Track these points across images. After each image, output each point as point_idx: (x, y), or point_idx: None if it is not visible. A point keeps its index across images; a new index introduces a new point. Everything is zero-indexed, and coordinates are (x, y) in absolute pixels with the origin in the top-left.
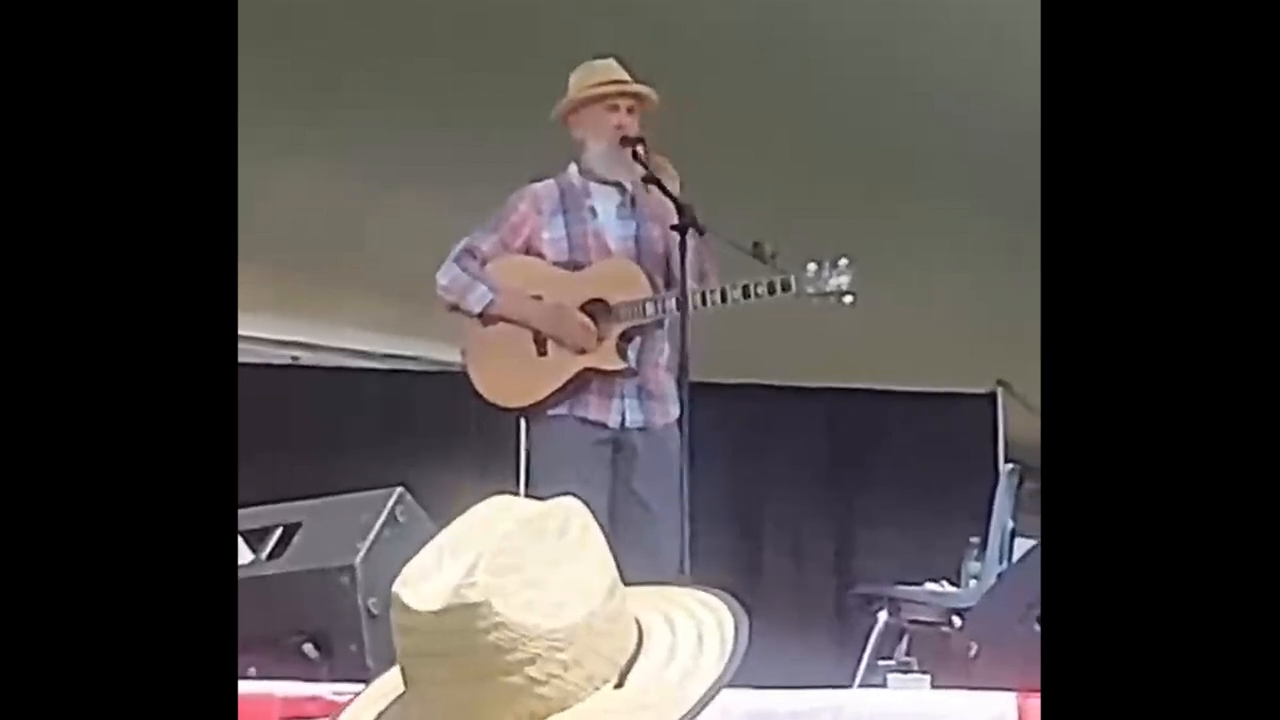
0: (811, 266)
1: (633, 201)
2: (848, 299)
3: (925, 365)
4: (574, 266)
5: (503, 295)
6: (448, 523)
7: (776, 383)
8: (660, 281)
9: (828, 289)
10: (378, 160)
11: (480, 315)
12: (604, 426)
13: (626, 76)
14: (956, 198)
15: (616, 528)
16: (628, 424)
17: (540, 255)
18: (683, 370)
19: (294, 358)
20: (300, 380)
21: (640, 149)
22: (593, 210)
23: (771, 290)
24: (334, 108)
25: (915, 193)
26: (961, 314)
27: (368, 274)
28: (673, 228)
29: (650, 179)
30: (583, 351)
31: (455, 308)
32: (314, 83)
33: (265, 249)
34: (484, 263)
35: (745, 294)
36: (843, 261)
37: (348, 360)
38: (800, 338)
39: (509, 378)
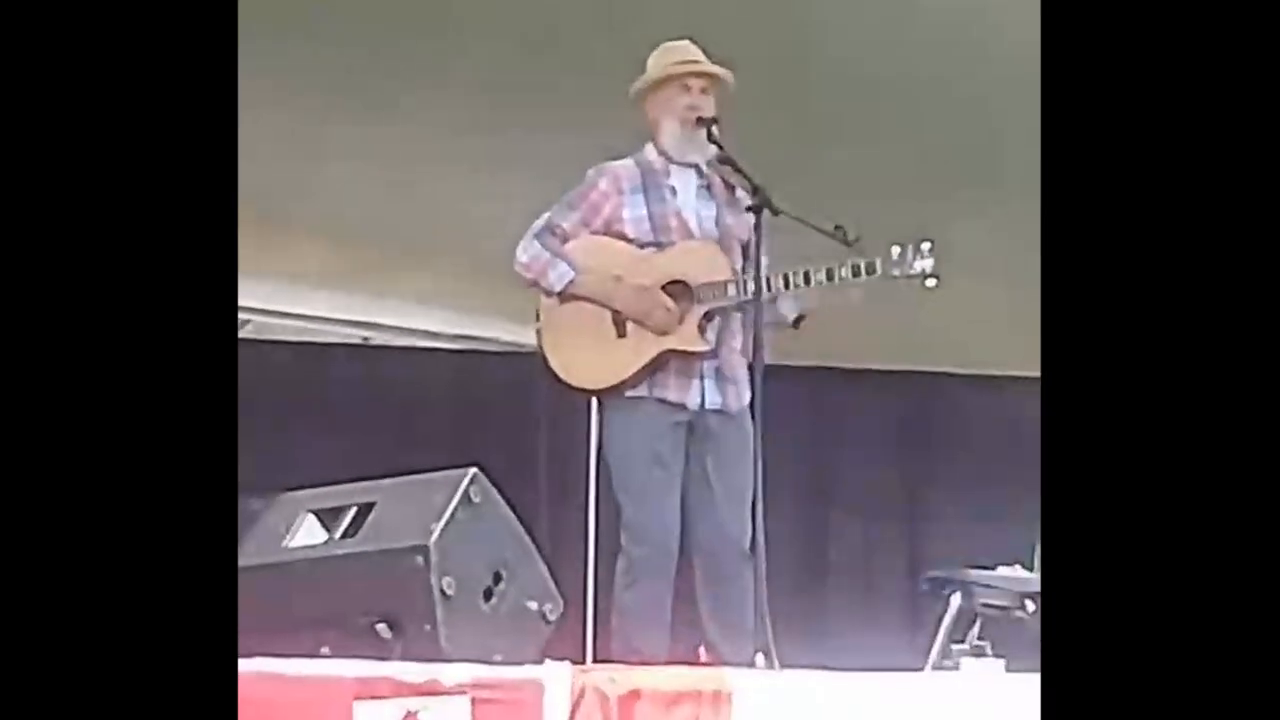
0: (895, 249)
1: (709, 184)
2: (931, 282)
3: (1000, 348)
4: (655, 246)
5: (584, 274)
6: (521, 504)
7: (847, 365)
8: (739, 263)
9: (911, 272)
10: (452, 139)
11: (560, 294)
12: (683, 408)
13: (701, 57)
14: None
15: (687, 511)
16: (708, 404)
17: (621, 234)
18: (756, 353)
19: (365, 338)
20: (373, 360)
21: (714, 129)
22: (672, 190)
23: (855, 273)
24: (408, 85)
25: (992, 174)
26: (1034, 298)
27: (440, 254)
28: (748, 209)
29: (725, 159)
30: (664, 333)
31: (535, 284)
32: (389, 61)
33: (338, 227)
34: (564, 240)
35: (829, 277)
36: (925, 245)
37: (419, 341)
38: (872, 320)
39: (587, 359)
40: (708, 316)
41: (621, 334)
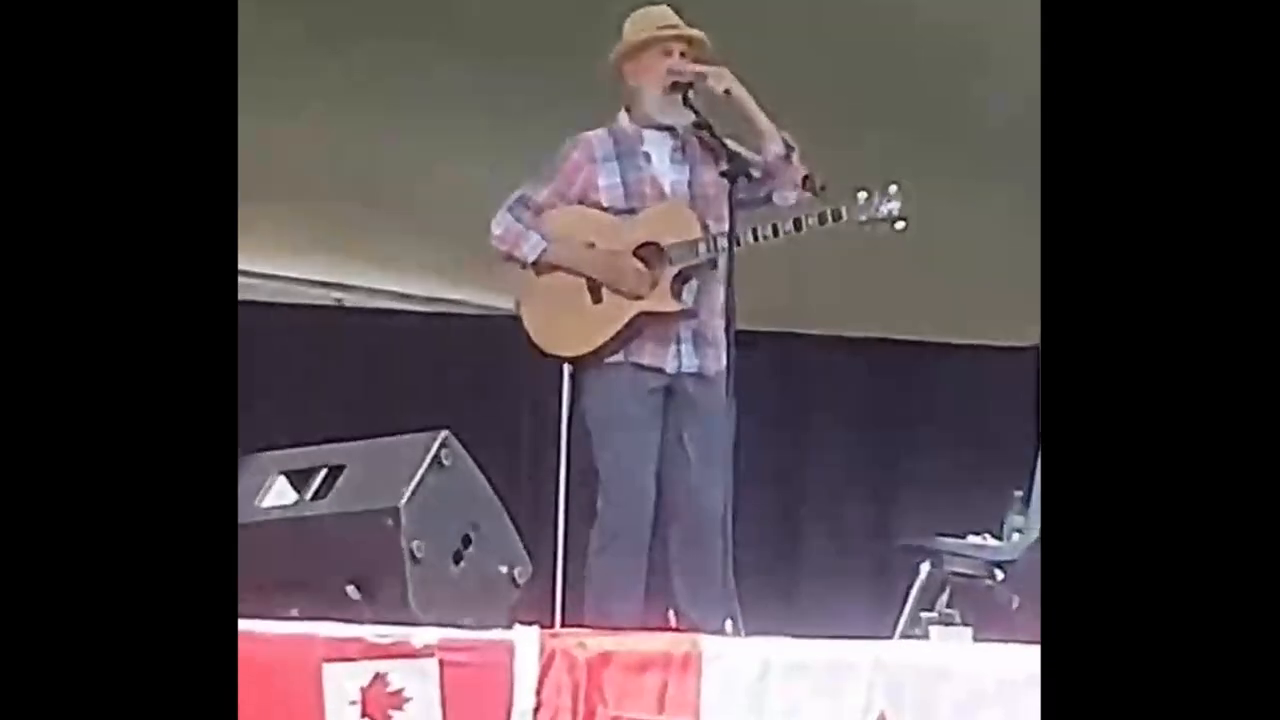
0: (862, 195)
1: (684, 147)
2: (899, 225)
3: (969, 317)
4: (630, 212)
5: (555, 244)
6: (492, 467)
7: (818, 332)
8: (712, 224)
9: (879, 215)
10: (427, 103)
11: (534, 264)
12: (660, 372)
13: (679, 21)
14: (1009, 150)
15: (664, 477)
16: (684, 368)
17: (596, 203)
18: (729, 315)
19: (338, 299)
20: (344, 322)
21: (691, 93)
22: (646, 156)
23: (823, 220)
24: (383, 48)
25: (965, 144)
26: (1007, 268)
27: (413, 217)
28: (722, 173)
29: (702, 124)
30: (638, 296)
31: (510, 257)
32: (361, 22)
33: (311, 191)
34: (538, 212)
35: (797, 226)
36: (892, 188)
37: (392, 303)
38: (845, 286)
39: (564, 326)
40: (682, 278)
41: (597, 300)
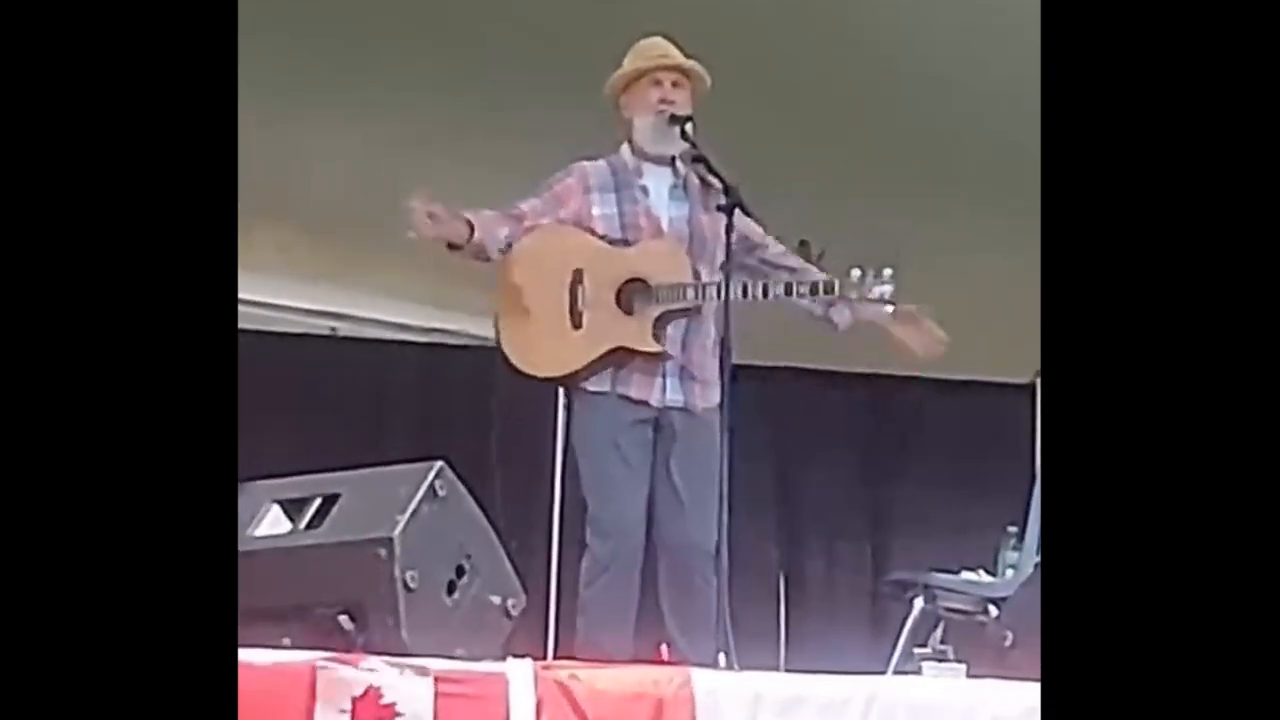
0: (855, 273)
1: (684, 183)
2: (888, 309)
3: (965, 354)
4: (624, 243)
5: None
6: (486, 498)
7: (812, 366)
8: (706, 265)
9: (870, 296)
10: (421, 130)
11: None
12: (646, 405)
13: (675, 52)
14: (1002, 187)
15: (653, 510)
16: (669, 402)
17: (591, 231)
18: (724, 353)
19: (333, 329)
20: (339, 351)
21: (688, 127)
22: (644, 189)
23: (814, 291)
24: (378, 74)
25: (960, 179)
26: (1001, 304)
27: (408, 245)
28: (718, 208)
29: (698, 158)
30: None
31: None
32: (355, 48)
33: (305, 218)
34: (519, 221)
35: (788, 291)
36: (886, 271)
37: (387, 333)
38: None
39: (541, 348)
40: (666, 319)
41: (577, 326)
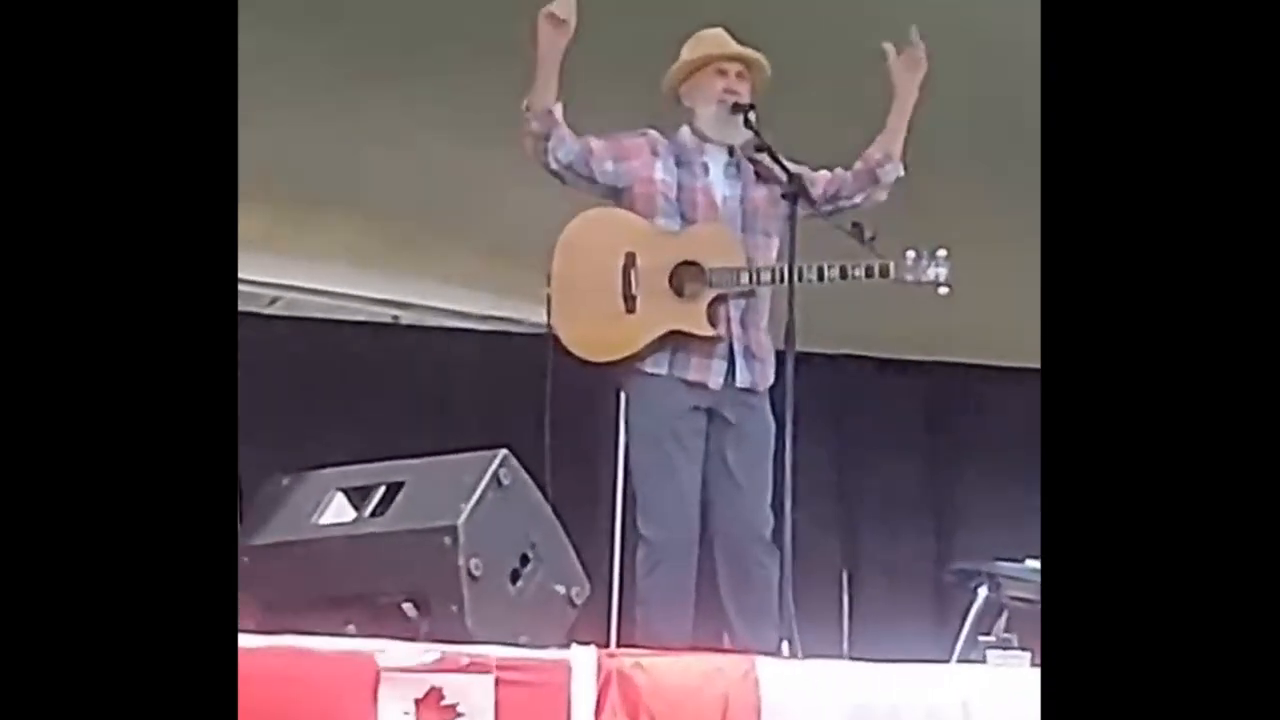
0: (910, 254)
1: (739, 166)
2: (943, 290)
3: (1028, 341)
4: (680, 218)
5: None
6: (550, 485)
7: (874, 354)
8: (760, 245)
9: (924, 279)
10: (482, 119)
11: (554, 173)
12: (704, 388)
13: (734, 43)
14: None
15: (708, 497)
16: (738, 383)
17: (648, 195)
18: (789, 340)
19: (395, 316)
20: (402, 339)
21: (752, 115)
22: (705, 166)
23: (869, 274)
24: (443, 67)
25: (1018, 163)
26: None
27: (471, 234)
28: (783, 195)
29: (762, 146)
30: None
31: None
32: (416, 36)
33: (367, 208)
34: (588, 149)
35: (843, 274)
36: (941, 253)
37: (449, 321)
38: (900, 309)
39: (595, 332)
40: (721, 300)
41: (631, 310)
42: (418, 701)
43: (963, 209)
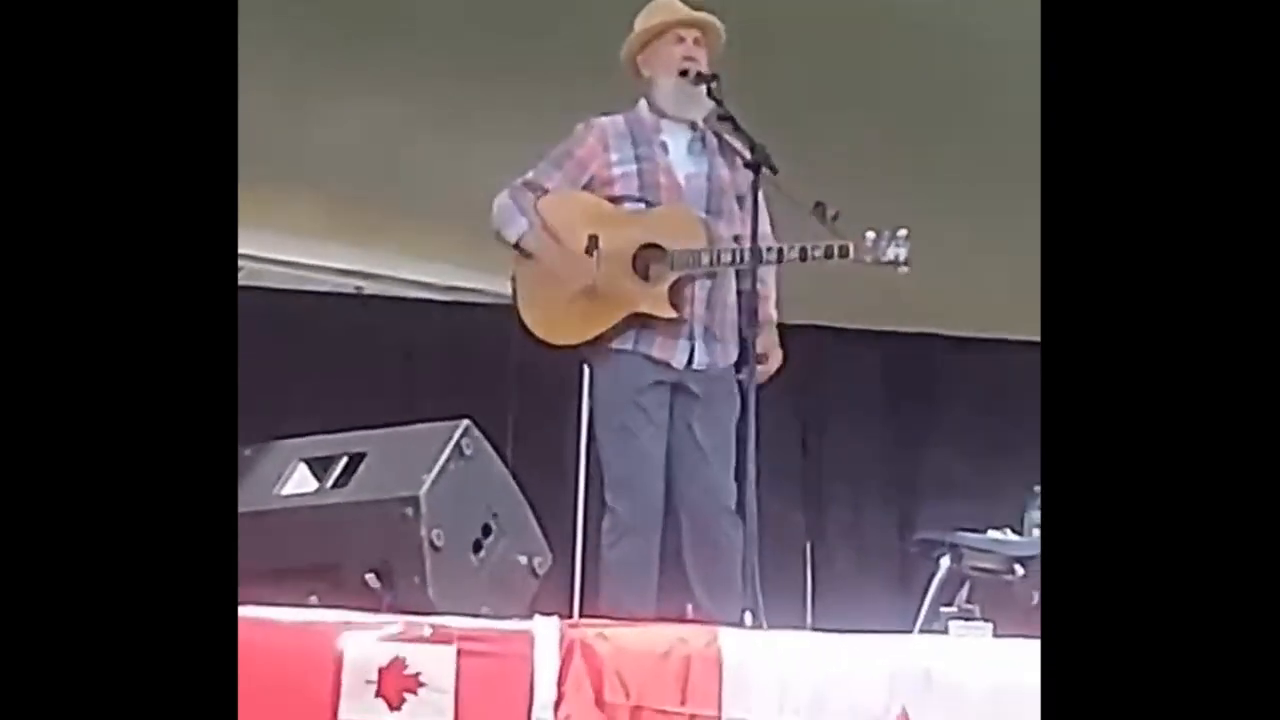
0: (870, 235)
1: (703, 138)
2: (903, 270)
3: (989, 312)
4: (642, 203)
5: (533, 231)
6: (512, 456)
7: (838, 325)
8: (725, 221)
9: (884, 259)
10: (445, 90)
11: (516, 246)
12: (668, 366)
13: (687, 9)
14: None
15: (673, 470)
16: (695, 364)
17: (608, 189)
18: (749, 314)
19: (358, 287)
20: (365, 309)
21: (714, 85)
22: (664, 145)
23: (829, 255)
24: (400, 36)
25: (980, 137)
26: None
27: (434, 204)
28: (746, 165)
29: (724, 116)
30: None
31: (498, 235)
32: (379, 10)
33: (331, 178)
34: (541, 196)
35: (802, 256)
36: (901, 233)
37: (412, 291)
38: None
39: (558, 316)
40: (683, 282)
41: (593, 293)
42: (381, 671)
43: (921, 182)
